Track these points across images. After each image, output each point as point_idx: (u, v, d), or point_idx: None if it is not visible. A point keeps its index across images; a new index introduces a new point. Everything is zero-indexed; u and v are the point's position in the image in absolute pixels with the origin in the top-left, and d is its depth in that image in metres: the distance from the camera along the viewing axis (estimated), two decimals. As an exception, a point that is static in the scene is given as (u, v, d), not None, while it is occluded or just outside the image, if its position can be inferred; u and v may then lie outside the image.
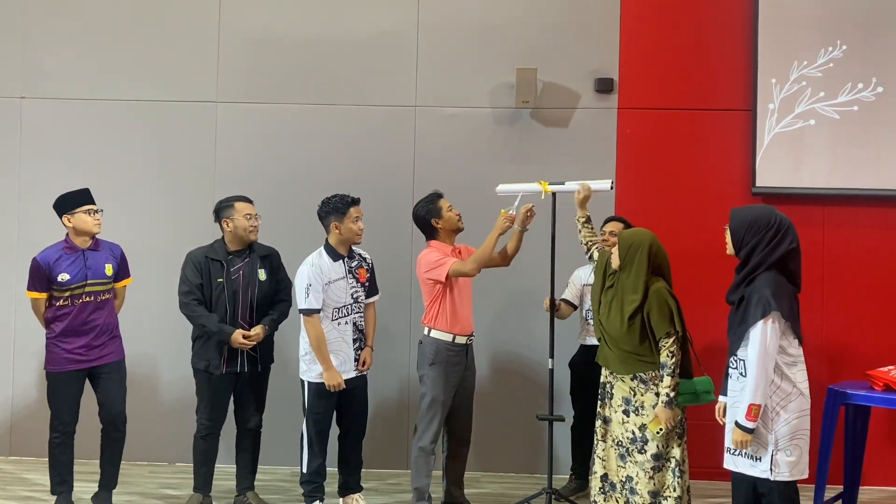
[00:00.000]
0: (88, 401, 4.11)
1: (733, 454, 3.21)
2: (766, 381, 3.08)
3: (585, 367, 4.38)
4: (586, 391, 4.43)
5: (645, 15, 4.97)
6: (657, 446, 3.52)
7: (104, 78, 5.11)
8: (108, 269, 4.07)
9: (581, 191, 4.02)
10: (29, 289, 4.02)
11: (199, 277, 4.05)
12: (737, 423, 3.14)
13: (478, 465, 4.88)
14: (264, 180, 5.03)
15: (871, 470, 4.40)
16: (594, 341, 4.34)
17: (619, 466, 3.63)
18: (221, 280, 4.05)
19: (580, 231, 4.05)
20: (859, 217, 4.82)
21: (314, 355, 4.02)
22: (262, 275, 4.13)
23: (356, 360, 4.11)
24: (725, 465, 3.27)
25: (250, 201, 4.19)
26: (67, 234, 4.03)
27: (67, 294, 3.97)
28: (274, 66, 5.09)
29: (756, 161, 4.82)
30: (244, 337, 4.00)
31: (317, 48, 5.08)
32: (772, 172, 4.81)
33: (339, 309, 4.06)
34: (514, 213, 4.06)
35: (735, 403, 3.19)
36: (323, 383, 4.01)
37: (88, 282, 3.99)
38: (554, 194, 4.15)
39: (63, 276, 3.95)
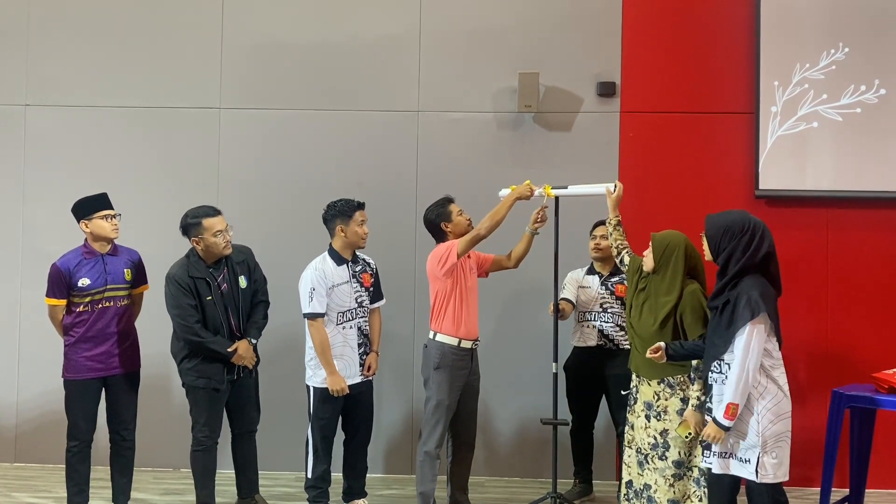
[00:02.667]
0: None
1: (724, 457, 3.21)
2: (748, 382, 3.11)
3: (580, 370, 4.38)
4: (582, 394, 4.43)
5: (646, 18, 4.97)
6: (679, 453, 3.48)
7: (107, 85, 5.13)
8: (128, 274, 4.06)
9: (617, 191, 3.95)
10: (48, 295, 3.97)
11: (191, 297, 3.94)
12: (714, 420, 3.18)
13: (483, 470, 4.87)
14: (267, 185, 5.04)
15: (877, 472, 4.39)
16: (589, 343, 4.34)
17: (638, 474, 3.61)
18: (211, 298, 3.97)
19: (611, 234, 3.97)
20: (863, 219, 4.82)
21: (319, 360, 4.03)
22: (242, 282, 4.08)
23: (361, 364, 4.11)
24: (715, 470, 3.26)
25: (218, 213, 4.03)
26: (86, 239, 4.00)
27: (88, 300, 3.95)
28: (276, 72, 5.10)
29: (759, 164, 4.82)
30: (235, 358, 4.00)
31: (319, 54, 5.09)
32: (775, 175, 4.81)
33: (343, 313, 4.06)
34: (542, 193, 4.06)
35: (719, 405, 3.20)
36: (326, 388, 4.01)
37: (108, 286, 3.98)
38: (557, 198, 4.15)
39: (84, 281, 3.93)
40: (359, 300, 4.11)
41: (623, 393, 4.21)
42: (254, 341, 4.07)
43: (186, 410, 4.14)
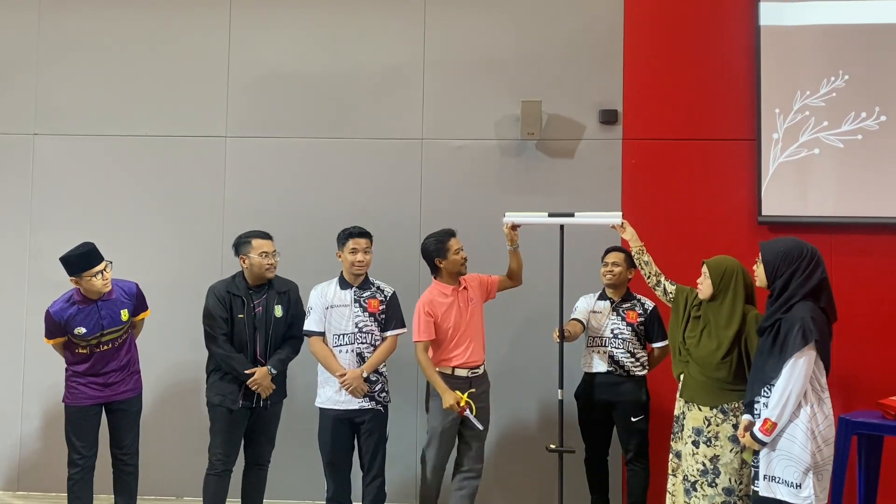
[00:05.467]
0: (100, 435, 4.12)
1: (777, 482, 3.20)
2: (788, 406, 3.13)
3: (590, 397, 4.35)
4: (594, 421, 4.39)
5: (648, 47, 5.03)
6: (729, 480, 3.45)
7: (115, 114, 5.19)
8: (124, 315, 4.08)
9: (628, 229, 4.02)
10: (47, 336, 4.04)
11: (224, 311, 4.03)
12: (752, 433, 3.21)
13: (491, 499, 4.82)
14: (272, 213, 5.07)
15: (886, 500, 4.34)
16: (599, 369, 4.32)
17: (685, 502, 3.56)
18: (242, 316, 4.03)
19: (648, 263, 3.96)
20: (866, 245, 4.82)
21: (322, 380, 4.10)
22: (278, 311, 4.12)
23: (366, 392, 4.09)
24: (762, 493, 3.26)
25: (269, 237, 4.16)
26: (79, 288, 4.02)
27: (85, 344, 3.99)
28: (282, 101, 5.16)
29: (762, 190, 4.84)
30: (251, 382, 4.01)
31: (324, 83, 5.15)
32: (778, 201, 4.82)
33: (339, 336, 4.08)
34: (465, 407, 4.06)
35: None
36: (325, 409, 4.07)
37: (105, 331, 4.01)
38: (562, 226, 4.17)
39: (79, 330, 3.96)
40: (359, 325, 4.09)
41: (633, 420, 4.21)
42: (273, 371, 4.08)
43: (188, 439, 4.15)
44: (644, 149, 5.00)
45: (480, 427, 4.03)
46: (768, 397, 3.21)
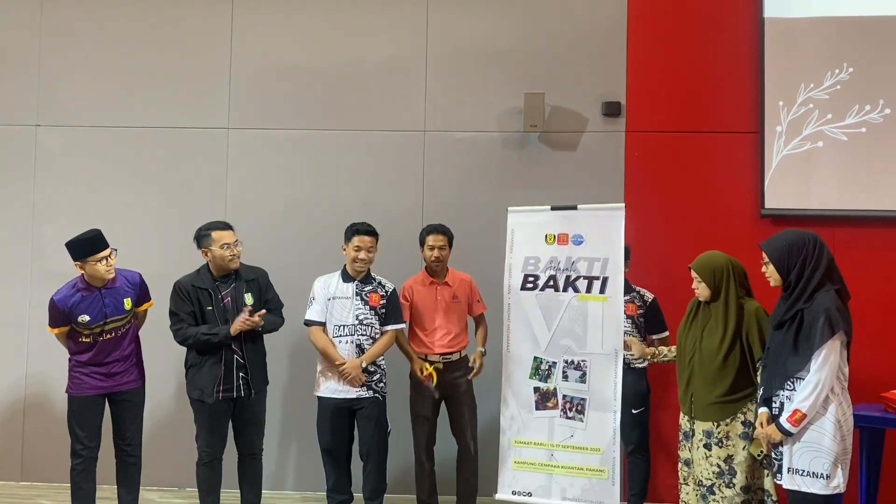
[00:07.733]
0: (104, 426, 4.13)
1: (802, 475, 3.17)
2: (819, 398, 3.11)
3: None
4: None
5: (652, 38, 5.01)
6: (745, 478, 3.39)
7: (117, 105, 5.19)
8: (127, 304, 4.08)
9: (631, 344, 3.95)
10: (51, 325, 4.04)
11: (189, 306, 4.01)
12: (777, 423, 3.17)
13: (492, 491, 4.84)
14: (274, 204, 5.07)
15: (887, 493, 4.35)
16: None
17: None
18: (211, 308, 4.02)
19: (665, 359, 3.87)
20: (869, 238, 4.81)
21: (321, 370, 4.14)
22: (248, 299, 4.10)
23: (364, 382, 4.12)
24: (787, 486, 3.22)
25: (229, 228, 4.11)
26: (82, 275, 4.02)
27: (88, 332, 4.00)
28: (284, 93, 5.15)
29: (765, 183, 4.83)
30: (243, 321, 3.94)
31: (327, 75, 5.14)
32: (780, 194, 4.82)
33: (339, 327, 4.11)
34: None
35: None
36: (324, 398, 4.13)
37: (108, 320, 4.02)
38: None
39: (83, 318, 3.96)
40: (360, 317, 4.13)
41: (634, 412, 4.20)
42: (263, 320, 4.01)
43: (189, 429, 4.16)
44: (647, 141, 4.99)
45: (433, 391, 4.29)
46: (791, 390, 3.18)
